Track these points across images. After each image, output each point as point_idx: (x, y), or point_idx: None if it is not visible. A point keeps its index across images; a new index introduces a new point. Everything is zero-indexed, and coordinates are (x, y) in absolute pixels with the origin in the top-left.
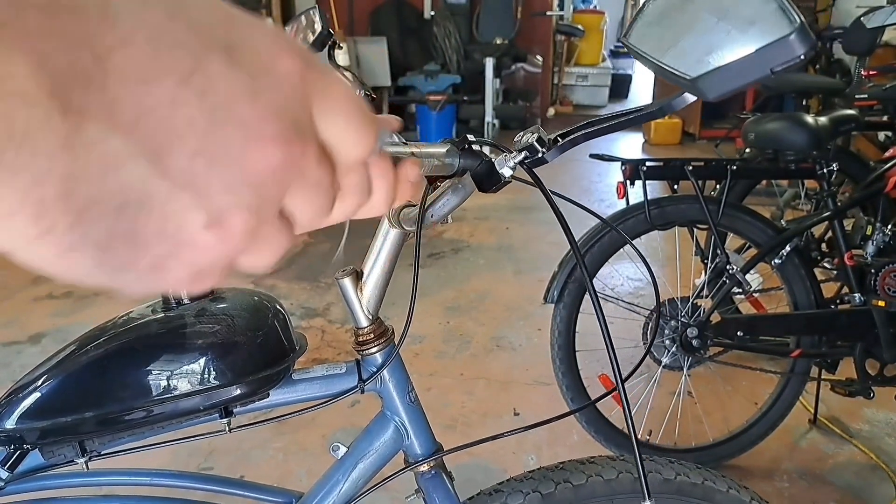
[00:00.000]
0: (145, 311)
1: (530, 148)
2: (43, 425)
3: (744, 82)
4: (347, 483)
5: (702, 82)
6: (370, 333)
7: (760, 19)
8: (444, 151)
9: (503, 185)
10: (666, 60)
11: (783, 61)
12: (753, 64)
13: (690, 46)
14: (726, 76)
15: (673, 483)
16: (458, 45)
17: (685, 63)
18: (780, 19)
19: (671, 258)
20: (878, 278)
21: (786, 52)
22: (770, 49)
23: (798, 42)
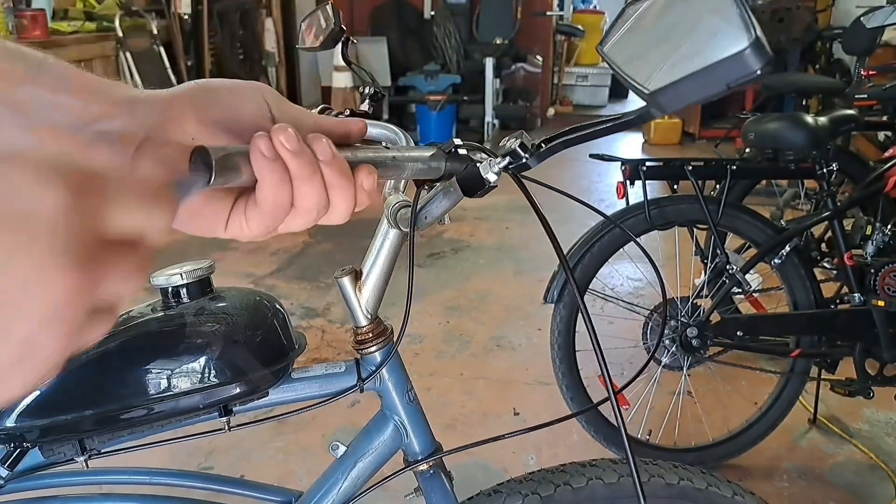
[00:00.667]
0: (145, 310)
1: (513, 153)
2: (43, 423)
3: (700, 96)
4: (347, 482)
5: (659, 96)
6: (369, 332)
7: (718, 32)
8: (428, 155)
9: (488, 190)
10: (629, 71)
11: (738, 76)
12: (710, 78)
13: (652, 58)
14: (683, 90)
15: (676, 488)
16: (458, 45)
17: (646, 76)
18: (738, 33)
19: (671, 258)
20: (877, 278)
21: (740, 67)
22: (725, 63)
23: (753, 57)
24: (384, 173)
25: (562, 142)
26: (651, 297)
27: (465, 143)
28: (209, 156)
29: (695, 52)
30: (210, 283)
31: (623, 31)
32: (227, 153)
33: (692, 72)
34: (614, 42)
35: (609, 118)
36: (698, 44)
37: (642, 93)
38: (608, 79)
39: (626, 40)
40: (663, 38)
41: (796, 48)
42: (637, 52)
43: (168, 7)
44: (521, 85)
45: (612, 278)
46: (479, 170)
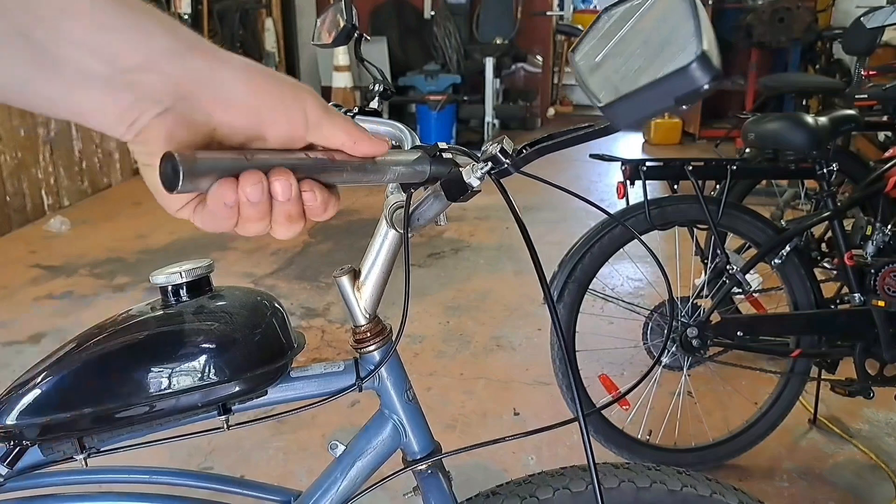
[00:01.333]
0: (144, 309)
1: (494, 158)
2: (42, 422)
3: (649, 112)
4: (346, 481)
5: (611, 110)
6: (368, 332)
7: (669, 44)
8: (412, 159)
9: (472, 195)
10: (589, 82)
11: (685, 91)
12: (657, 93)
13: (611, 69)
14: (633, 105)
15: (678, 494)
16: (458, 45)
17: (602, 87)
18: (688, 45)
19: (671, 258)
20: (877, 278)
21: (687, 81)
22: (672, 78)
23: (700, 72)
24: (366, 178)
25: (540, 147)
26: (651, 297)
27: (450, 147)
28: (178, 164)
29: (646, 65)
30: (209, 282)
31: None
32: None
33: (641, 86)
34: (582, 50)
35: (581, 127)
36: (650, 56)
37: (597, 105)
38: None
39: (592, 49)
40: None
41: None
42: (599, 62)
43: (168, 7)
44: (521, 85)
45: (612, 278)
46: (462, 174)
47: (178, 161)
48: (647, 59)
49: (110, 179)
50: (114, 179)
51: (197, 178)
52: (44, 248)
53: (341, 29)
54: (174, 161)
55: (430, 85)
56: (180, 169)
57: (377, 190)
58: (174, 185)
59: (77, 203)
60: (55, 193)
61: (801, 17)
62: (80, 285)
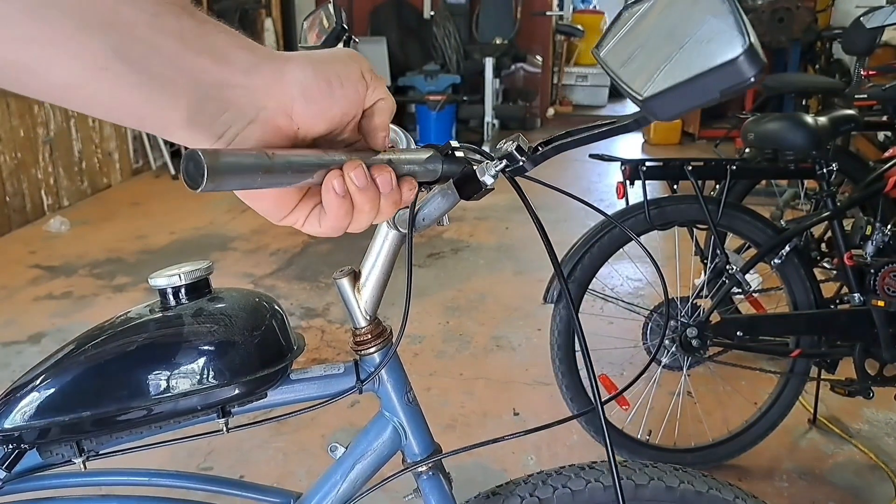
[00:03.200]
0: (143, 311)
1: (510, 156)
2: (41, 424)
3: (694, 104)
4: (345, 483)
5: (652, 102)
6: (368, 334)
7: (712, 39)
8: (424, 158)
9: (485, 193)
10: (624, 77)
11: (731, 84)
12: (703, 85)
13: (647, 64)
14: (676, 97)
15: (676, 491)
16: (458, 45)
17: (640, 82)
18: (732, 39)
19: (671, 258)
20: (877, 278)
21: (734, 74)
22: (719, 71)
23: (747, 64)
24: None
25: (558, 145)
26: (651, 297)
27: (462, 146)
28: (202, 161)
29: (688, 59)
30: (208, 284)
31: (619, 34)
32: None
33: (685, 79)
34: (610, 46)
35: (605, 122)
36: (692, 50)
37: (636, 99)
38: (608, 79)
39: (621, 44)
40: (658, 44)
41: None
42: (631, 56)
43: None
44: (520, 85)
45: (612, 278)
46: (476, 172)
47: (201, 158)
48: (687, 52)
49: (110, 180)
50: (113, 180)
51: (221, 175)
52: (43, 249)
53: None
54: (197, 158)
55: (429, 85)
56: (204, 166)
57: None
58: (198, 183)
59: (77, 203)
60: (55, 194)
61: (800, 17)
62: (79, 285)
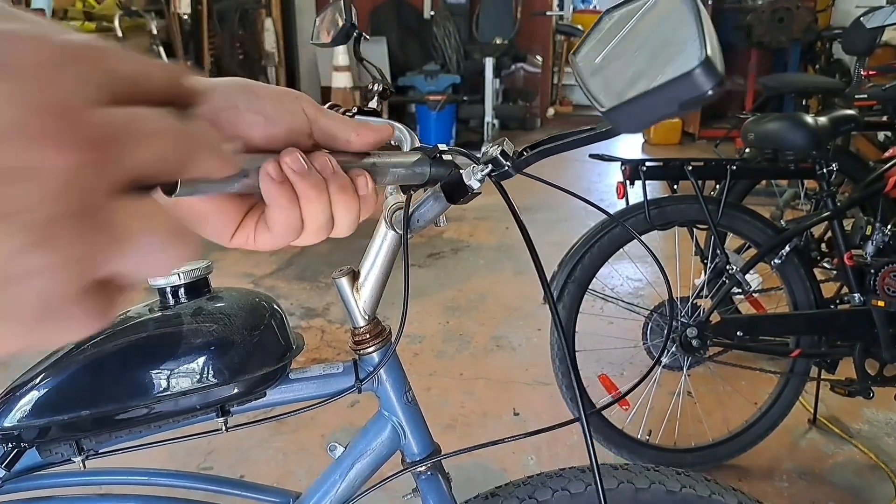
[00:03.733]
0: (142, 311)
1: (494, 161)
2: (40, 424)
3: (653, 118)
4: (345, 483)
5: (614, 114)
6: (367, 333)
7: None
8: (412, 161)
9: (471, 197)
10: (591, 86)
11: (689, 97)
12: (662, 98)
13: (613, 74)
14: (637, 110)
15: (678, 495)
16: (458, 45)
17: (604, 91)
18: (691, 50)
19: (671, 258)
20: (877, 278)
21: (690, 87)
22: (677, 83)
23: (703, 77)
24: None
25: (542, 150)
26: (651, 297)
27: (451, 149)
28: None
29: (649, 70)
30: (208, 284)
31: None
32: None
33: (644, 91)
34: (584, 52)
35: (584, 129)
36: (654, 61)
37: (600, 110)
38: None
39: (594, 51)
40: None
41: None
42: (601, 65)
43: (167, 7)
44: (520, 85)
45: (612, 278)
46: (462, 176)
47: None
48: (649, 63)
49: None
50: None
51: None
52: None
53: (340, 28)
54: None
55: (429, 85)
56: None
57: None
58: (171, 190)
59: None
60: None
61: (800, 17)
62: None
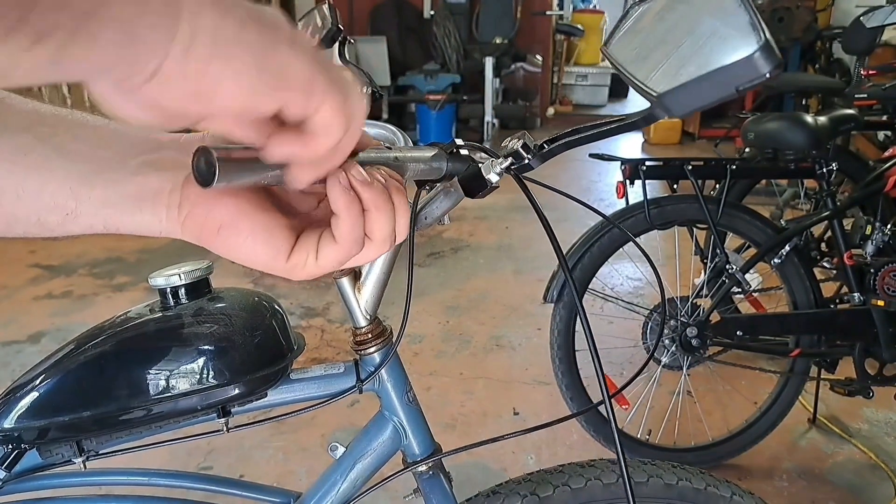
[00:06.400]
0: (143, 311)
1: (516, 154)
2: (41, 424)
3: (709, 100)
4: (346, 483)
5: (667, 99)
6: (368, 333)
7: (727, 35)
8: (430, 156)
9: (490, 190)
10: (637, 73)
11: (748, 79)
12: (719, 81)
13: (660, 60)
14: (691, 93)
15: (674, 488)
16: (458, 44)
17: (653, 77)
18: (747, 36)
19: (671, 258)
20: (877, 278)
21: (750, 70)
22: (735, 67)
23: (763, 60)
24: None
25: (565, 142)
26: (651, 297)
27: (467, 143)
28: (212, 156)
29: (703, 55)
30: (208, 284)
31: (628, 31)
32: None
33: (700, 75)
34: (619, 42)
35: (613, 119)
36: (706, 46)
37: (650, 95)
38: (608, 78)
39: (631, 41)
40: (669, 40)
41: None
42: (643, 53)
43: None
44: (520, 84)
45: (611, 278)
46: (482, 170)
47: (213, 154)
48: (699, 48)
49: None
50: None
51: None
52: (43, 248)
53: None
54: (209, 155)
55: (429, 84)
56: (215, 162)
57: None
58: (209, 181)
59: None
60: None
61: (800, 16)
62: (79, 285)
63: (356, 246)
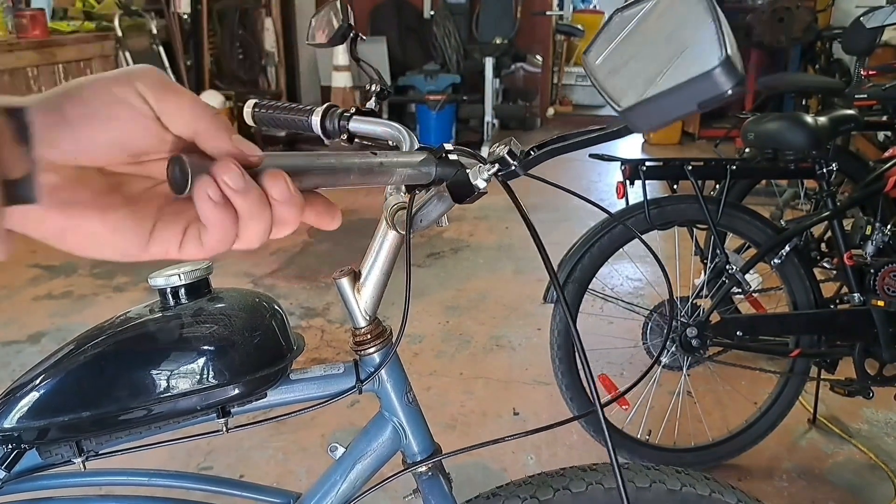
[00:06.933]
0: (143, 311)
1: (502, 161)
2: (40, 424)
3: (671, 117)
4: (345, 484)
5: (631, 114)
6: (368, 334)
7: (692, 50)
8: (418, 161)
9: (478, 196)
10: (606, 85)
11: (708, 96)
12: (680, 97)
13: (628, 73)
14: (654, 109)
15: (678, 494)
16: (458, 44)
17: (620, 91)
18: (710, 50)
19: (671, 258)
20: (877, 278)
21: (710, 86)
22: (696, 82)
23: (724, 77)
24: (373, 180)
25: (549, 150)
26: (651, 297)
27: (456, 148)
28: (186, 165)
29: (669, 70)
30: (208, 284)
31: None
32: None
33: (663, 90)
34: (596, 52)
35: (594, 129)
36: (671, 60)
37: (616, 109)
38: None
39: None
40: (640, 53)
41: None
42: (616, 65)
43: (167, 7)
44: (520, 85)
45: (612, 278)
46: (469, 176)
47: (186, 162)
48: (666, 62)
49: None
50: None
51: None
52: (43, 248)
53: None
54: (182, 162)
55: (429, 85)
56: (188, 170)
57: (377, 190)
58: (183, 189)
59: None
60: None
61: (800, 17)
62: (79, 285)
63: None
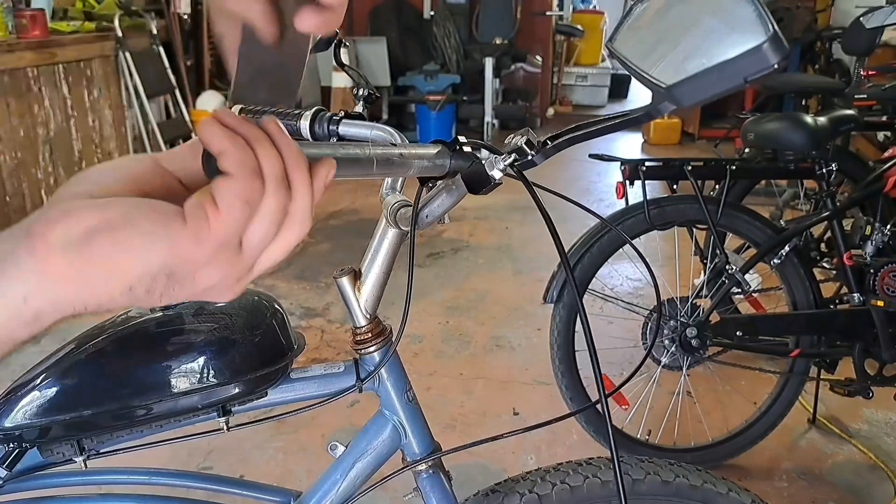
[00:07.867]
0: (143, 310)
1: (519, 150)
2: (41, 423)
3: (718, 91)
4: (345, 482)
5: (677, 90)
6: (368, 333)
7: (735, 27)
8: (434, 153)
9: (493, 187)
10: (644, 67)
11: (756, 70)
12: (727, 72)
13: (668, 53)
14: (700, 84)
15: (671, 485)
16: (458, 44)
17: (662, 70)
18: (755, 27)
19: (670, 258)
20: (877, 278)
21: (759, 61)
22: (743, 58)
23: (771, 51)
24: (392, 171)
25: (568, 138)
26: (651, 296)
27: (470, 141)
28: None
29: (712, 47)
30: None
31: (633, 26)
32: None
33: (709, 66)
34: (624, 38)
35: (616, 115)
36: (715, 39)
37: (659, 88)
38: (608, 79)
39: (636, 36)
40: (676, 34)
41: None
42: (649, 47)
43: (167, 7)
44: (520, 85)
45: (611, 278)
46: (485, 167)
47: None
48: (706, 41)
49: None
50: None
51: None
52: None
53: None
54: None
55: (429, 85)
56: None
57: (377, 190)
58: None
59: None
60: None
61: (800, 17)
62: None
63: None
